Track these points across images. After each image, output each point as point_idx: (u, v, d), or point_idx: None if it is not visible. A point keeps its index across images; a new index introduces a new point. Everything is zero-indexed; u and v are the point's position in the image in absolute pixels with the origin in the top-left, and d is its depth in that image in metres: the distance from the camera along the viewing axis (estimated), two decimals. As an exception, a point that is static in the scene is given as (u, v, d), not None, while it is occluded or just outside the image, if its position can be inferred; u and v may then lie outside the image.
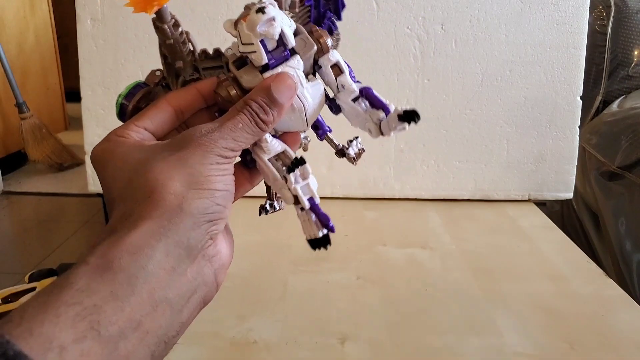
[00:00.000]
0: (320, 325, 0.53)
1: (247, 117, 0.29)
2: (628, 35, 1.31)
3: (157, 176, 0.26)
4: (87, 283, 0.22)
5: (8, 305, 1.04)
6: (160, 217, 0.25)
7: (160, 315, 0.24)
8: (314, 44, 0.32)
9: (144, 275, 0.24)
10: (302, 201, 0.30)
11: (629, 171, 1.03)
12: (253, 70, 0.31)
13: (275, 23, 0.29)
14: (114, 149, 0.29)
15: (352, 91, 0.33)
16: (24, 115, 2.20)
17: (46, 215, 1.93)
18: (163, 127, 0.31)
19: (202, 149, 0.27)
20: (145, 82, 0.33)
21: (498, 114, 0.85)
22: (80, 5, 0.82)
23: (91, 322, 0.21)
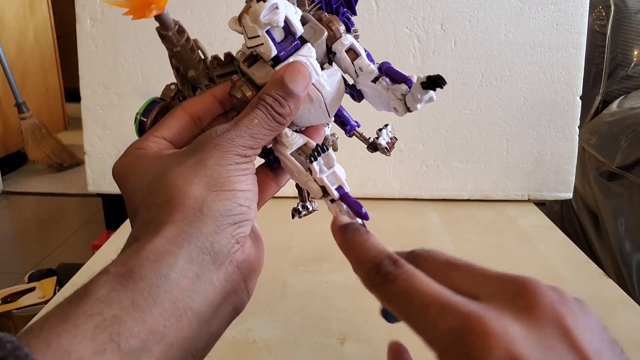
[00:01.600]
0: (319, 325, 0.53)
1: (262, 112, 0.28)
2: (628, 35, 1.31)
3: (175, 181, 0.25)
4: (107, 293, 0.21)
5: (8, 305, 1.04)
6: (180, 222, 0.24)
7: (186, 326, 0.23)
8: (324, 30, 0.31)
9: (166, 283, 0.23)
10: (331, 191, 0.28)
11: (629, 171, 1.03)
12: (265, 66, 0.30)
13: (278, 10, 0.28)
14: (134, 162, 0.28)
15: (371, 71, 0.32)
16: (24, 115, 2.20)
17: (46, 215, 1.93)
18: (182, 136, 0.30)
19: (219, 149, 0.26)
20: (161, 97, 0.32)
21: (497, 114, 0.85)
22: (80, 5, 0.82)
23: (111, 333, 0.20)
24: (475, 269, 0.22)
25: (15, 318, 1.04)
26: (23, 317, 1.02)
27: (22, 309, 1.04)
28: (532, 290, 0.20)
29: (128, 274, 0.22)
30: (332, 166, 0.28)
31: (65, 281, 0.62)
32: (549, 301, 0.20)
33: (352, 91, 0.33)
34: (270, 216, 0.37)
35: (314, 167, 0.28)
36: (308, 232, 0.73)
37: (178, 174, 0.26)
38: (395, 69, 0.31)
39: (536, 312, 0.19)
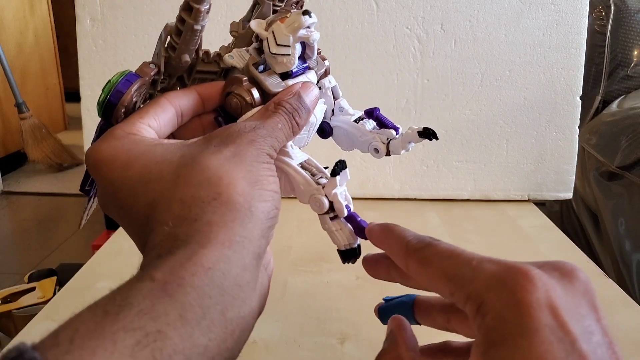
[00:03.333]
0: (320, 325, 0.53)
1: (284, 117, 0.27)
2: (628, 35, 1.31)
3: (219, 173, 0.23)
4: (151, 304, 0.19)
5: (8, 305, 1.05)
6: (232, 222, 0.22)
7: (229, 337, 0.21)
8: (323, 64, 0.32)
9: (219, 294, 0.20)
10: (340, 207, 0.28)
11: (629, 171, 1.03)
12: (274, 76, 0.30)
13: (312, 29, 0.28)
14: (131, 148, 0.25)
15: (352, 113, 0.34)
16: (24, 115, 2.20)
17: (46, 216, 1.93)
18: (166, 129, 0.28)
19: (254, 145, 0.25)
20: (137, 73, 0.30)
21: (497, 114, 0.85)
22: (80, 5, 0.82)
23: (153, 350, 0.18)
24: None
25: (15, 318, 1.04)
26: (23, 317, 1.03)
27: (22, 309, 1.04)
28: (570, 266, 0.22)
29: (178, 284, 0.20)
30: (343, 184, 0.28)
31: (65, 281, 0.62)
32: (585, 276, 0.21)
33: (323, 127, 0.34)
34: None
35: (336, 180, 0.27)
36: (308, 232, 0.73)
37: (219, 165, 0.23)
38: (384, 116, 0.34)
39: (573, 283, 0.21)
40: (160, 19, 0.80)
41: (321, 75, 0.33)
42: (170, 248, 0.22)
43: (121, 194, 0.25)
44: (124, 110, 0.28)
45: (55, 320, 0.53)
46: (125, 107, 0.28)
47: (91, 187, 0.33)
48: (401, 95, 0.84)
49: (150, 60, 0.31)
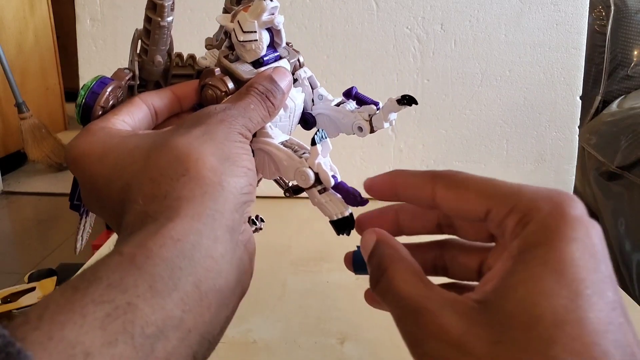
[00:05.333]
0: (319, 325, 0.53)
1: (256, 98, 0.28)
2: (628, 35, 1.31)
3: (187, 151, 0.23)
4: (120, 277, 0.19)
5: (8, 305, 1.04)
6: (202, 196, 0.22)
7: (205, 310, 0.21)
8: (296, 54, 0.33)
9: (190, 265, 0.21)
10: (326, 177, 0.27)
11: (629, 171, 1.03)
12: (246, 65, 0.30)
13: (277, 13, 0.29)
14: (106, 140, 0.26)
15: (331, 99, 0.34)
16: (24, 115, 2.20)
17: (46, 215, 1.93)
18: (141, 126, 0.29)
19: (225, 124, 0.25)
20: (113, 78, 0.31)
21: (497, 114, 0.85)
22: (80, 5, 0.82)
23: (124, 322, 0.18)
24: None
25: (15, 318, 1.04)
26: (23, 317, 1.02)
27: (22, 309, 1.04)
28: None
29: (146, 256, 0.20)
30: (326, 155, 0.28)
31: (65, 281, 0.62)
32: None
33: (305, 117, 0.35)
34: (270, 216, 0.36)
35: (317, 148, 0.27)
36: (308, 232, 0.73)
37: (187, 143, 0.24)
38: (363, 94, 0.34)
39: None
40: (160, 19, 0.80)
41: (296, 66, 0.33)
42: (140, 225, 0.22)
43: (98, 185, 0.25)
44: (101, 111, 0.29)
45: (55, 320, 0.53)
46: (102, 107, 0.29)
47: (80, 201, 0.33)
48: (401, 95, 0.84)
49: None
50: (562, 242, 0.19)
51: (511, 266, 0.20)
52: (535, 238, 0.20)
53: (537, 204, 0.21)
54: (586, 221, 0.20)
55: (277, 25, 0.29)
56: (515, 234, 0.21)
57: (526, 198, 0.21)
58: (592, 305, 0.18)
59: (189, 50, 0.33)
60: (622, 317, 0.19)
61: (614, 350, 0.18)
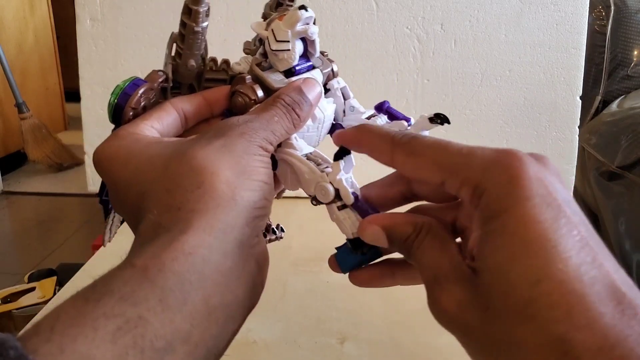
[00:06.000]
0: (319, 325, 0.53)
1: (282, 110, 0.28)
2: (628, 35, 1.31)
3: (203, 163, 0.23)
4: (132, 290, 0.19)
5: (8, 305, 1.05)
6: (214, 210, 0.22)
7: (213, 325, 0.21)
8: (329, 64, 0.32)
9: (199, 279, 0.21)
10: (346, 194, 0.27)
11: (629, 171, 1.03)
12: (278, 74, 0.30)
13: (313, 23, 0.29)
14: (131, 145, 0.26)
15: (363, 111, 0.34)
16: (24, 115, 2.20)
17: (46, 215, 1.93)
18: (169, 131, 0.29)
19: (245, 137, 0.25)
20: (146, 80, 0.31)
21: (497, 114, 0.85)
22: (80, 5, 0.82)
23: (135, 336, 0.18)
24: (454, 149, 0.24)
25: (15, 318, 1.04)
26: (23, 317, 1.03)
27: (22, 309, 1.04)
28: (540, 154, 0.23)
29: (158, 269, 0.20)
30: (348, 172, 0.28)
31: (65, 281, 0.62)
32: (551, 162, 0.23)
33: (335, 129, 0.34)
34: (270, 216, 0.36)
35: (339, 164, 0.27)
36: (308, 232, 0.73)
37: (205, 155, 0.24)
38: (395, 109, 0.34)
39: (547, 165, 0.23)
40: (160, 19, 0.80)
41: (329, 76, 0.33)
42: (153, 235, 0.22)
43: (119, 188, 0.26)
44: (132, 113, 0.29)
45: (55, 320, 0.53)
46: (133, 109, 0.29)
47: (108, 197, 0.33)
48: (401, 95, 0.84)
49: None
50: (518, 205, 0.20)
51: (480, 237, 0.21)
52: (493, 208, 0.21)
53: (487, 174, 0.21)
54: (534, 173, 0.21)
55: (311, 35, 0.29)
56: (474, 204, 0.22)
57: (476, 168, 0.22)
58: (561, 254, 0.19)
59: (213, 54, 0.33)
60: (591, 251, 0.19)
61: (591, 289, 0.18)
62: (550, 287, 0.18)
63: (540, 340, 0.18)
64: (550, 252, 0.19)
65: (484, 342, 0.20)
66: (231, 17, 0.80)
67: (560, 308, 0.18)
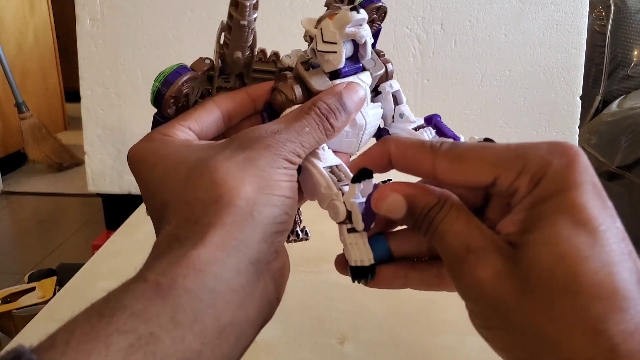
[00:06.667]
0: (319, 325, 0.53)
1: (315, 120, 0.26)
2: (628, 35, 1.31)
3: (224, 177, 0.23)
4: (144, 306, 0.19)
5: (8, 305, 1.04)
6: (230, 226, 0.22)
7: (224, 343, 0.21)
8: (382, 66, 0.31)
9: (211, 297, 0.20)
10: (357, 220, 0.26)
11: (629, 171, 1.03)
12: (322, 75, 0.29)
13: (365, 26, 0.27)
14: (161, 148, 0.26)
15: (413, 121, 0.32)
16: (24, 115, 2.20)
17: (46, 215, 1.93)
18: (208, 131, 0.29)
19: (270, 150, 0.24)
20: (191, 67, 0.30)
21: (497, 114, 0.85)
22: (80, 5, 0.82)
23: (146, 353, 0.18)
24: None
25: (15, 318, 1.04)
26: (23, 317, 1.02)
27: (22, 309, 1.04)
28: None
29: (169, 285, 0.20)
30: (365, 196, 0.26)
31: (65, 281, 0.62)
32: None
33: (381, 133, 0.33)
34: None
35: (355, 189, 0.25)
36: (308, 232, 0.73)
37: (227, 168, 0.23)
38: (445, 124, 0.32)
39: None
40: (160, 19, 0.80)
41: (381, 78, 0.32)
42: (167, 249, 0.22)
43: (147, 193, 0.26)
44: (173, 100, 0.28)
45: (55, 320, 0.53)
46: (174, 97, 0.28)
47: None
48: (401, 95, 0.85)
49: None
50: (573, 188, 0.21)
51: (526, 216, 0.22)
52: (551, 189, 0.21)
53: (547, 160, 0.22)
54: (587, 162, 0.22)
55: (361, 39, 0.28)
56: (529, 191, 0.22)
57: (535, 157, 0.22)
58: (607, 239, 0.20)
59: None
60: (629, 245, 0.21)
61: (630, 277, 0.19)
62: (597, 266, 0.19)
63: (580, 316, 0.19)
64: (600, 234, 0.20)
65: (516, 317, 0.20)
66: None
67: (605, 288, 0.19)
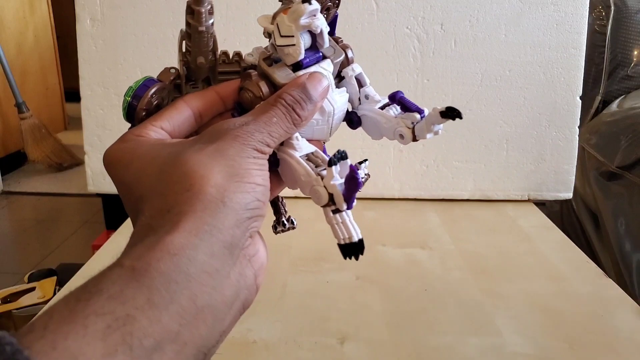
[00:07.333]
0: (319, 325, 0.53)
1: (281, 111, 0.28)
2: (628, 35, 1.31)
3: (194, 168, 0.24)
4: (120, 289, 0.20)
5: (8, 305, 1.04)
6: (202, 212, 0.23)
7: (202, 324, 0.22)
8: (342, 52, 0.32)
9: (185, 279, 0.21)
10: (340, 200, 0.27)
11: (629, 171, 1.03)
12: (285, 68, 0.30)
13: (319, 16, 0.28)
14: (135, 148, 0.27)
15: (378, 100, 0.33)
16: (24, 115, 2.20)
17: (45, 215, 1.93)
18: (180, 129, 0.30)
19: (239, 140, 0.26)
20: (158, 78, 0.31)
21: (497, 114, 0.85)
22: (80, 5, 0.82)
23: (123, 334, 0.19)
24: None
25: (15, 318, 1.04)
26: (23, 317, 1.02)
27: (22, 309, 1.04)
28: None
29: (144, 269, 0.21)
30: (343, 176, 0.27)
31: (65, 281, 0.62)
32: None
33: (350, 117, 0.34)
34: (270, 216, 0.36)
35: (333, 171, 0.27)
36: (308, 232, 0.73)
37: (197, 160, 0.25)
38: (409, 99, 0.33)
39: None
40: (160, 19, 0.80)
41: (343, 64, 0.33)
42: (142, 237, 0.23)
43: (124, 190, 0.27)
44: (145, 113, 0.30)
45: (55, 320, 0.53)
46: (145, 109, 0.29)
47: None
48: (401, 95, 0.84)
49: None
50: None
51: None
52: None
53: None
54: None
55: (317, 29, 0.28)
56: None
57: None
58: None
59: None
60: None
61: None
62: None
63: None
64: None
65: None
66: (231, 17, 0.80)
67: None
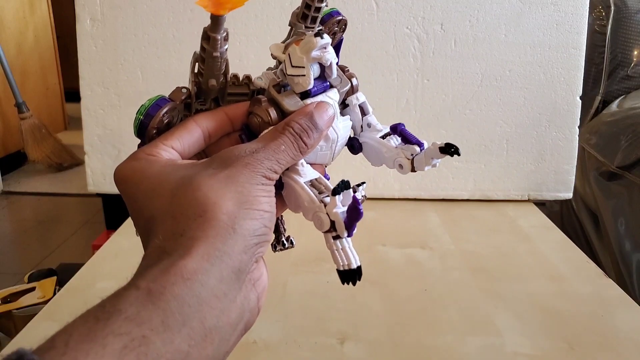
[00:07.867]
0: (319, 325, 0.53)
1: (289, 139, 0.29)
2: (627, 35, 1.31)
3: (207, 193, 0.25)
4: (137, 311, 0.21)
5: (8, 305, 1.04)
6: (213, 238, 0.24)
7: (209, 345, 0.23)
8: (348, 82, 0.34)
9: (197, 303, 0.23)
10: (341, 228, 0.28)
11: (629, 171, 1.03)
12: (294, 96, 0.31)
13: (329, 49, 0.30)
14: (146, 168, 0.28)
15: (380, 129, 0.35)
16: (24, 115, 2.20)
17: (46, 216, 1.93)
18: (190, 149, 0.31)
19: (249, 168, 0.27)
20: (170, 97, 0.32)
21: (497, 114, 0.85)
22: (80, 5, 0.82)
23: (139, 354, 0.20)
24: None
25: (15, 318, 1.04)
26: (23, 317, 1.02)
27: (22, 309, 1.04)
28: None
29: (160, 292, 0.22)
30: (345, 205, 0.28)
31: (65, 281, 0.62)
32: None
33: (352, 143, 0.36)
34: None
35: (336, 200, 0.28)
36: (308, 232, 0.73)
37: (210, 186, 0.26)
38: (409, 131, 0.34)
39: None
40: (160, 19, 0.80)
41: (348, 92, 0.34)
42: (156, 260, 0.24)
43: (134, 208, 0.28)
44: (156, 131, 0.31)
45: (55, 320, 0.53)
46: (156, 128, 0.31)
47: None
48: (401, 95, 0.84)
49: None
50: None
51: None
52: None
53: None
54: None
55: (327, 62, 0.30)
56: None
57: None
58: None
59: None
60: None
61: None
62: None
63: None
64: None
65: None
66: (233, 24, 0.80)
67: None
